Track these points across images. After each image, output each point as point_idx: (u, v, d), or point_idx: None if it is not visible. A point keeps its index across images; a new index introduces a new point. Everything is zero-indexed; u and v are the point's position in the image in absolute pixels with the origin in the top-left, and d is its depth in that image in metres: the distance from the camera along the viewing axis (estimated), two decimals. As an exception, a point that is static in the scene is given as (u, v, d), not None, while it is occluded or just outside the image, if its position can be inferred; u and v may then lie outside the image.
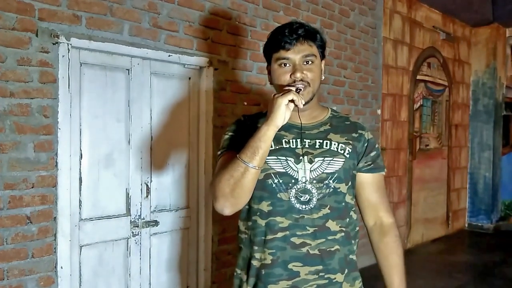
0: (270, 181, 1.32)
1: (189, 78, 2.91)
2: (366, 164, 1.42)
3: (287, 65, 1.34)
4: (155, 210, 2.75)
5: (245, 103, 3.16)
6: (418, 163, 5.38)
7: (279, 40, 1.34)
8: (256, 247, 1.35)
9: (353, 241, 1.40)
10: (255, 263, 1.35)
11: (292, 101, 1.21)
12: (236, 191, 1.22)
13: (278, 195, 1.32)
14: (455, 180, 6.24)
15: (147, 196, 2.69)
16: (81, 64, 2.38)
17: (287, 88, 1.26)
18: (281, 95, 1.21)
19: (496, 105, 6.36)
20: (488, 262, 4.85)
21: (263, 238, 1.33)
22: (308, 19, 3.73)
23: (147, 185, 2.69)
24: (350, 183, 1.38)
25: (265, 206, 1.33)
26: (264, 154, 1.22)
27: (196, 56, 2.84)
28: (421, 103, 5.44)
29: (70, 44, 2.27)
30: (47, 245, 2.22)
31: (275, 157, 1.32)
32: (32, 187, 2.17)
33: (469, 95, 6.50)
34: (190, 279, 2.97)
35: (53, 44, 2.21)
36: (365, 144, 1.42)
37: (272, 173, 1.32)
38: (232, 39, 3.07)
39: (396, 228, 1.47)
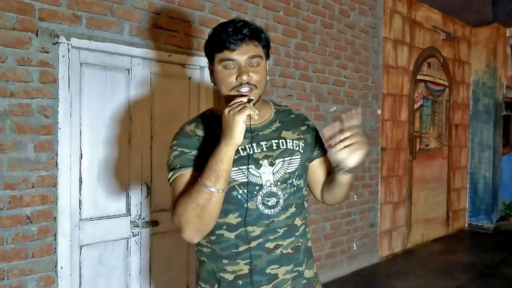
0: (235, 193, 1.28)
1: (189, 78, 2.91)
2: (320, 150, 1.45)
3: (232, 66, 1.26)
4: (155, 210, 2.75)
5: (245, 103, 3.16)
6: (418, 163, 5.38)
7: (223, 39, 1.26)
8: (226, 261, 1.30)
9: (307, 229, 1.42)
10: (227, 276, 1.31)
11: (248, 115, 1.16)
12: (204, 218, 1.18)
13: (245, 205, 1.28)
14: (455, 180, 6.24)
15: (147, 196, 2.69)
16: (81, 64, 2.39)
17: (239, 100, 1.18)
18: (238, 111, 1.14)
19: (496, 105, 6.36)
20: (488, 262, 4.85)
21: (235, 250, 1.29)
22: (308, 19, 3.73)
23: (147, 185, 2.69)
24: (304, 176, 1.40)
25: (232, 219, 1.28)
26: (227, 175, 1.18)
27: (196, 56, 2.84)
28: (421, 103, 5.44)
29: (70, 44, 2.27)
30: (47, 245, 2.22)
31: (237, 168, 1.27)
32: (32, 187, 2.17)
33: (469, 95, 6.50)
34: (190, 279, 2.98)
35: (53, 44, 2.21)
36: (313, 133, 1.45)
37: (236, 184, 1.28)
38: (232, 39, 3.07)
39: None
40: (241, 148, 1.30)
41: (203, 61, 2.87)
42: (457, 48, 6.13)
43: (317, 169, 1.45)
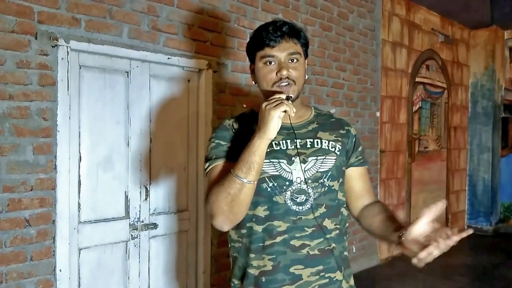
0: (265, 185, 1.30)
1: (188, 81, 2.91)
2: (357, 159, 1.45)
3: (272, 63, 1.32)
4: (154, 213, 2.74)
5: (244, 105, 3.16)
6: (417, 165, 5.38)
7: (263, 37, 1.32)
8: (253, 255, 1.32)
9: (345, 237, 1.42)
10: (252, 271, 1.33)
11: (284, 111, 1.18)
12: (234, 207, 1.22)
13: (274, 199, 1.30)
14: (454, 182, 6.24)
15: (146, 199, 2.69)
16: (80, 67, 2.39)
17: (277, 96, 1.22)
18: (274, 106, 1.17)
19: (495, 107, 6.37)
20: (487, 264, 4.85)
21: (261, 244, 1.31)
22: (307, 21, 3.73)
23: (146, 188, 2.68)
24: (340, 180, 1.39)
25: (261, 211, 1.31)
26: (259, 167, 1.21)
27: (195, 59, 2.84)
28: (420, 105, 5.45)
29: (69, 47, 2.27)
30: (46, 248, 2.22)
31: (268, 161, 1.30)
32: (31, 190, 2.17)
33: (468, 97, 6.51)
34: (189, 282, 2.97)
35: (52, 46, 2.21)
36: (353, 140, 1.45)
37: (266, 177, 1.30)
38: (231, 41, 3.08)
39: None
40: (275, 143, 1.33)
41: (202, 63, 2.88)
42: (455, 51, 6.14)
43: (351, 178, 1.44)
